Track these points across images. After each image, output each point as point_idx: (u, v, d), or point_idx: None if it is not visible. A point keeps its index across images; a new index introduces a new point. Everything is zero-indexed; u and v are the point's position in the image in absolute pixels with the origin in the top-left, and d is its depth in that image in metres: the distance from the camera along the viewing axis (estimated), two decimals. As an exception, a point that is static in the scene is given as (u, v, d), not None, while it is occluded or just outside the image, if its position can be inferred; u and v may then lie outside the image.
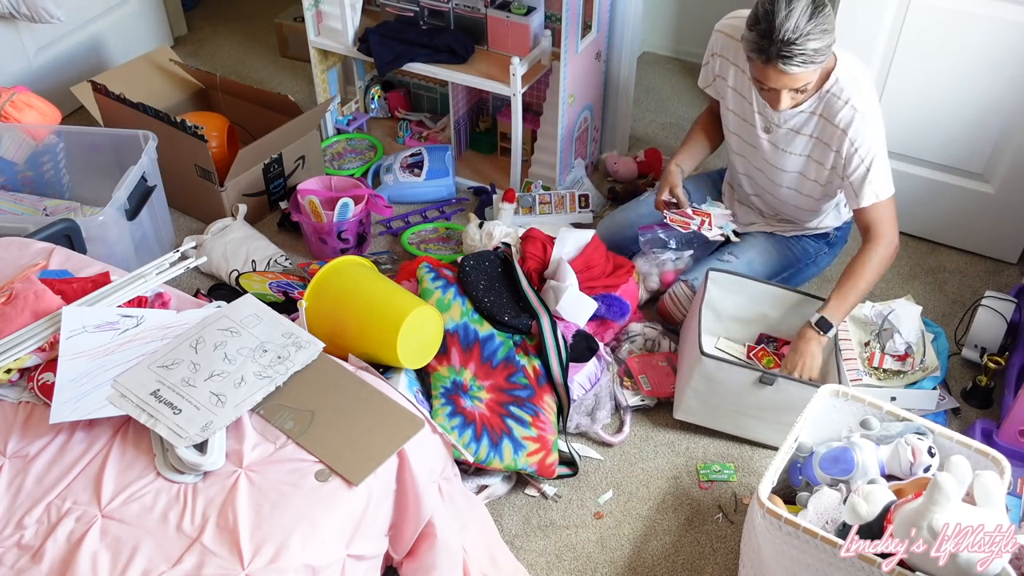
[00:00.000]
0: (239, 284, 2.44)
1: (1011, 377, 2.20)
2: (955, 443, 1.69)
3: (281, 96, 2.81)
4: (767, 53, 1.86)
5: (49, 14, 2.85)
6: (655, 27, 3.52)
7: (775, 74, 1.90)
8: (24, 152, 2.50)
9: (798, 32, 1.82)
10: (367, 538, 1.56)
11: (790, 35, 1.82)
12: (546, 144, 2.74)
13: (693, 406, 2.11)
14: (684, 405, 2.12)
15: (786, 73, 1.88)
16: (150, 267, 1.88)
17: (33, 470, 1.54)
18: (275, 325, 1.74)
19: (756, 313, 2.25)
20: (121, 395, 1.58)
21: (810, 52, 1.85)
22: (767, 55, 1.87)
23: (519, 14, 2.55)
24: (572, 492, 2.04)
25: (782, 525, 1.53)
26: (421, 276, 2.16)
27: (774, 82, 1.93)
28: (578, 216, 2.67)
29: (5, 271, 1.87)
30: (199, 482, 1.51)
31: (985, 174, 2.53)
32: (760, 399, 2.02)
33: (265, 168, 2.70)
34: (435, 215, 2.80)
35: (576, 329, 2.16)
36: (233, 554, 1.41)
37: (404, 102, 3.18)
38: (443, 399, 1.94)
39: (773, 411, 2.03)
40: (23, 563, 1.42)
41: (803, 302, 2.19)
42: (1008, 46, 2.30)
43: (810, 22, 1.82)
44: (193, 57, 3.60)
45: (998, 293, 2.31)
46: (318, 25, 2.82)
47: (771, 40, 1.84)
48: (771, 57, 1.86)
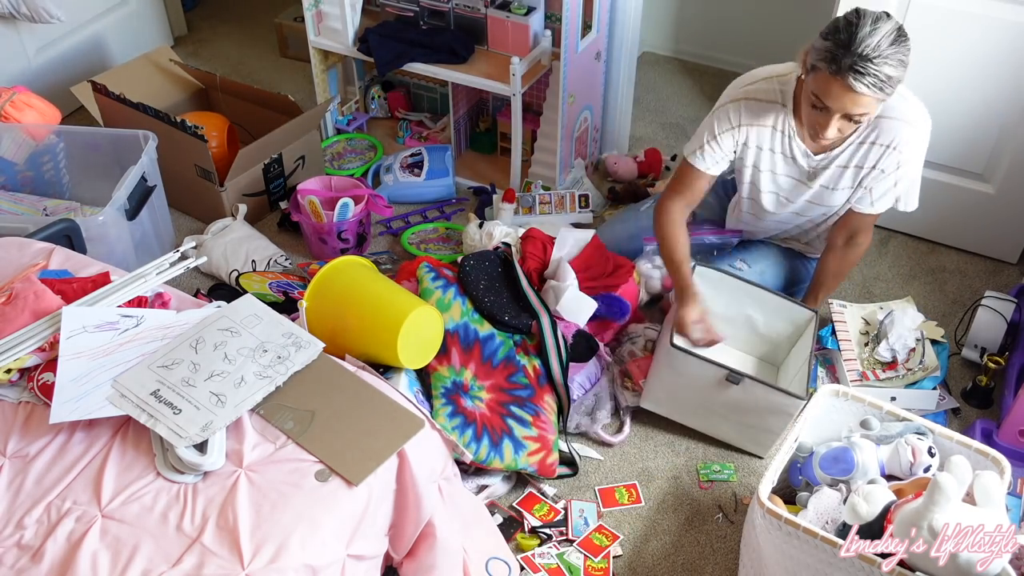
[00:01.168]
0: (239, 284, 2.44)
1: (1011, 377, 2.20)
2: (955, 443, 1.69)
3: (281, 96, 2.81)
4: (839, 64, 1.73)
5: (49, 14, 2.85)
6: (655, 27, 3.53)
7: (839, 90, 1.77)
8: (24, 152, 2.50)
9: (878, 52, 1.71)
10: (367, 538, 1.56)
11: (869, 51, 1.71)
12: (546, 144, 2.74)
13: (660, 397, 2.11)
14: (651, 395, 2.12)
15: (852, 90, 1.75)
16: (150, 267, 1.88)
17: (33, 470, 1.54)
18: (275, 325, 1.74)
19: (741, 314, 2.24)
20: (121, 395, 1.58)
21: (883, 77, 1.73)
22: (839, 66, 1.74)
23: (519, 14, 2.55)
24: (572, 492, 2.04)
25: (782, 525, 1.53)
26: (421, 276, 2.16)
27: (834, 99, 1.79)
28: (578, 216, 2.67)
29: (5, 271, 1.87)
30: (199, 482, 1.51)
31: (985, 174, 2.53)
32: (726, 398, 2.01)
33: (265, 168, 2.70)
34: (435, 215, 2.80)
35: (576, 329, 2.16)
36: (233, 554, 1.41)
37: (404, 102, 3.18)
38: (443, 399, 1.94)
39: (737, 412, 2.03)
40: (23, 563, 1.42)
41: (789, 307, 2.18)
42: (1008, 46, 2.30)
43: (892, 47, 1.73)
44: (193, 57, 3.60)
45: (998, 293, 2.31)
46: (318, 25, 2.82)
47: (848, 51, 1.72)
48: (842, 69, 1.74)
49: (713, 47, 3.50)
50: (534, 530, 1.93)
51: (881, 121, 1.95)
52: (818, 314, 2.16)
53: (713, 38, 3.48)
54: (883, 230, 2.75)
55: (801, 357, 2.09)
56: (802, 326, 2.17)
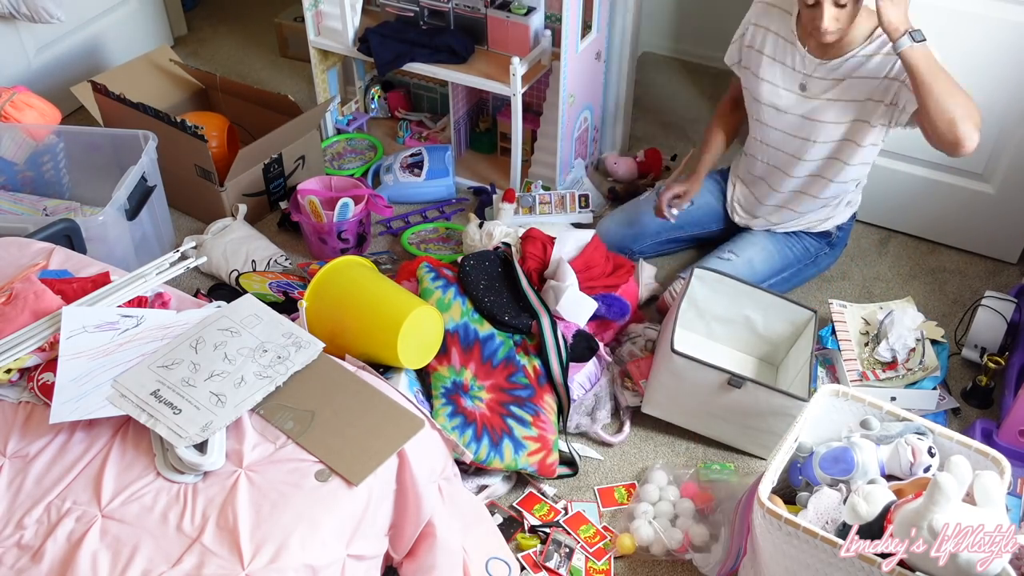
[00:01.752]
0: (239, 284, 2.44)
1: (1011, 377, 2.20)
2: (955, 443, 1.69)
3: (281, 96, 2.81)
4: None
5: (49, 14, 2.85)
6: (655, 27, 3.52)
7: None
8: (24, 152, 2.50)
9: None
10: (367, 538, 1.56)
11: None
12: (546, 144, 2.74)
13: (661, 401, 2.11)
14: (652, 400, 2.12)
15: None
16: (150, 267, 1.88)
17: (33, 470, 1.54)
18: (275, 325, 1.74)
19: (740, 315, 2.24)
20: (121, 395, 1.58)
21: None
22: None
23: (519, 14, 2.55)
24: (572, 492, 2.04)
25: (782, 525, 1.53)
26: (421, 276, 2.16)
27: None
28: (578, 216, 2.67)
29: (5, 271, 1.87)
30: (199, 482, 1.51)
31: (985, 174, 2.53)
32: (728, 401, 2.01)
33: (265, 168, 2.70)
34: (435, 215, 2.80)
35: (576, 329, 2.16)
36: (233, 554, 1.41)
37: (404, 102, 3.18)
38: (444, 399, 1.94)
39: (739, 414, 2.03)
40: (23, 563, 1.42)
41: (787, 308, 2.18)
42: (1008, 46, 2.30)
43: None
44: (193, 57, 3.60)
45: (998, 293, 2.31)
46: (318, 25, 2.82)
47: None
48: None
49: (713, 47, 3.49)
50: (534, 529, 1.93)
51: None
52: (817, 314, 2.15)
53: (713, 38, 3.47)
54: (883, 230, 2.75)
55: (801, 358, 2.09)
56: (801, 326, 2.17)
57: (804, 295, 2.52)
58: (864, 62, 2.06)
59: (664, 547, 1.89)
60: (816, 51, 2.12)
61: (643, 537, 1.90)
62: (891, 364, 2.15)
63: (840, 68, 2.09)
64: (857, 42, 2.06)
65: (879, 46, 2.04)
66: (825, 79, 2.12)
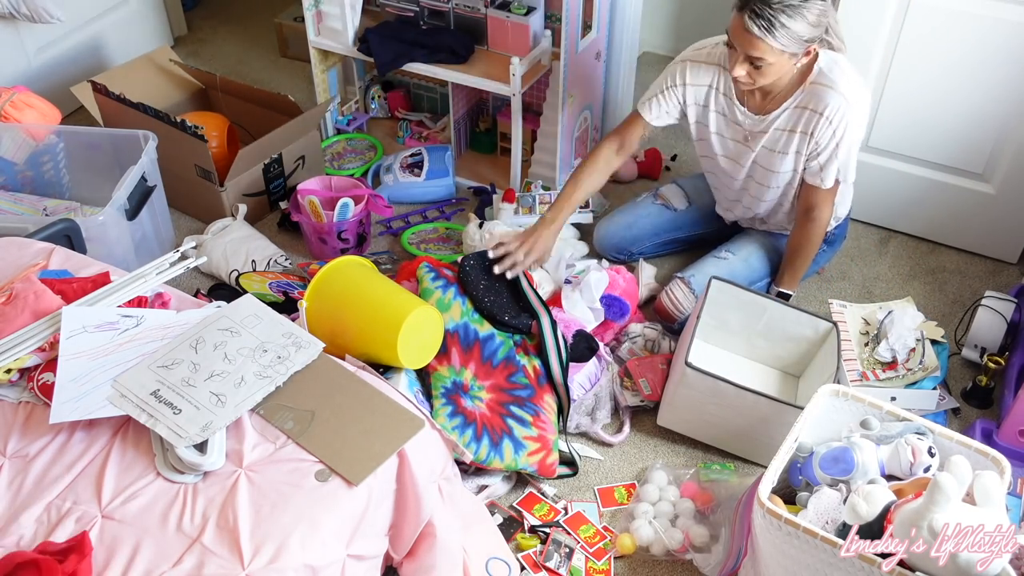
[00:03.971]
0: (239, 284, 2.44)
1: (1011, 377, 2.20)
2: (955, 443, 1.69)
3: (281, 96, 2.81)
4: (744, 2, 1.88)
5: (49, 14, 2.85)
6: (655, 27, 3.52)
7: (737, 26, 1.90)
8: (24, 152, 2.50)
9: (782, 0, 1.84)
10: (367, 538, 1.56)
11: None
12: (546, 144, 2.74)
13: (676, 415, 2.10)
14: (667, 414, 2.11)
15: (747, 31, 1.88)
16: (150, 267, 1.88)
17: (33, 470, 1.54)
18: (275, 325, 1.74)
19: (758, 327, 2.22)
20: (121, 395, 1.58)
21: (776, 23, 1.85)
22: (743, 4, 1.88)
23: (519, 14, 2.55)
24: (572, 492, 2.04)
25: (782, 525, 1.53)
26: (421, 276, 2.16)
27: (735, 36, 1.92)
28: (578, 216, 2.66)
29: (5, 271, 1.87)
30: (199, 482, 1.51)
31: (985, 174, 2.53)
32: (746, 416, 1.98)
33: (265, 168, 2.70)
34: (435, 215, 2.80)
35: (576, 329, 2.16)
36: (233, 554, 1.41)
37: (404, 102, 3.18)
38: (444, 399, 1.94)
39: (757, 429, 2.00)
40: (23, 563, 1.42)
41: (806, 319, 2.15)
42: (1008, 46, 2.30)
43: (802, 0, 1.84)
44: (193, 57, 3.60)
45: (998, 293, 2.31)
46: (318, 25, 2.82)
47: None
48: (743, 7, 1.88)
49: (713, 47, 3.50)
50: (534, 529, 1.93)
51: (815, 87, 2.04)
52: (837, 326, 2.13)
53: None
54: (883, 230, 2.75)
55: (824, 370, 2.05)
56: (822, 336, 2.16)
57: (804, 295, 2.52)
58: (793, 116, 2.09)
59: (664, 547, 1.89)
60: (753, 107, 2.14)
61: (643, 537, 1.90)
62: (891, 364, 2.15)
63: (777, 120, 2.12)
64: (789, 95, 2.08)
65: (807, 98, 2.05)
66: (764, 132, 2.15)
